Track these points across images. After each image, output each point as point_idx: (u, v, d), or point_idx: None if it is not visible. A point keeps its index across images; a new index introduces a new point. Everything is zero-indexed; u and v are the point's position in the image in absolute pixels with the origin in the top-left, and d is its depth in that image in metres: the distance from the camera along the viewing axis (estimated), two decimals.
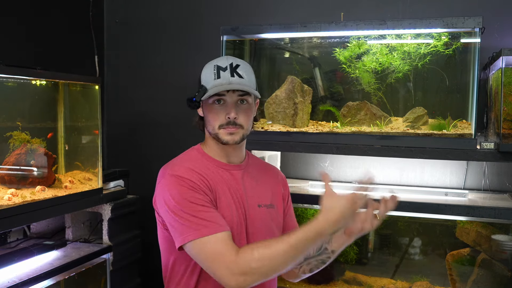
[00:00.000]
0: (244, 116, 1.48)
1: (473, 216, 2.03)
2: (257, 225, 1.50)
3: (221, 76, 1.45)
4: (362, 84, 2.30)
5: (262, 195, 1.56)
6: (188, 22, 2.97)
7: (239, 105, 1.47)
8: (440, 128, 2.11)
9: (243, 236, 1.47)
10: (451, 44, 2.13)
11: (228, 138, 1.47)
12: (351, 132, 2.22)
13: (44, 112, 2.46)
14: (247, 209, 1.49)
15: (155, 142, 3.03)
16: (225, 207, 1.44)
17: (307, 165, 2.71)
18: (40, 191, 2.17)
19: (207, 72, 1.50)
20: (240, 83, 1.45)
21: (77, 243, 2.51)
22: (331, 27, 2.23)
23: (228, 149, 1.53)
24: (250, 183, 1.55)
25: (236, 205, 1.48)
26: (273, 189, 1.62)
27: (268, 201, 1.57)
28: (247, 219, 1.49)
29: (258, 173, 1.61)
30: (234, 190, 1.49)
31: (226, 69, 1.46)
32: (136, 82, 3.10)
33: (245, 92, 1.47)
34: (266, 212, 1.54)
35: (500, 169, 2.40)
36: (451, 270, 2.30)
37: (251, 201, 1.52)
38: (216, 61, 1.50)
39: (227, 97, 1.46)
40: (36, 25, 2.65)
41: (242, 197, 1.50)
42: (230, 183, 1.50)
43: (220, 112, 1.47)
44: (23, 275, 2.01)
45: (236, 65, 1.48)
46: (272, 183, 1.64)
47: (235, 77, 1.45)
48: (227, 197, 1.47)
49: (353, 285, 2.45)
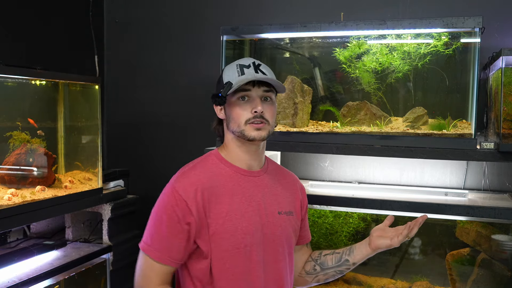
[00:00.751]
0: (270, 112, 1.46)
1: (473, 216, 2.03)
2: (277, 232, 1.48)
3: (246, 72, 1.45)
4: (362, 84, 2.30)
5: (282, 202, 1.54)
6: (188, 22, 2.97)
7: (263, 101, 1.46)
8: (440, 128, 2.11)
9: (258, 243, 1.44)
10: (451, 44, 2.13)
11: (254, 134, 1.43)
12: (351, 132, 2.22)
13: (44, 112, 2.46)
14: (267, 216, 1.47)
15: (155, 142, 3.03)
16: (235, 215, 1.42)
17: (307, 165, 2.71)
18: (40, 191, 2.17)
19: (230, 71, 1.48)
20: (265, 78, 1.44)
21: (77, 243, 2.51)
22: (331, 27, 2.23)
23: (251, 150, 1.49)
24: (270, 190, 1.53)
25: (253, 212, 1.45)
26: (293, 196, 1.60)
27: (288, 208, 1.55)
28: (267, 226, 1.46)
29: (278, 179, 1.58)
30: (251, 197, 1.47)
31: (250, 67, 1.46)
32: (136, 82, 3.10)
33: (269, 89, 1.46)
34: (286, 219, 1.52)
35: (500, 169, 2.40)
36: (451, 270, 2.30)
37: (270, 207, 1.50)
38: (238, 61, 1.50)
39: (252, 92, 1.44)
40: (36, 25, 2.65)
41: (260, 204, 1.47)
42: (247, 190, 1.47)
43: (246, 108, 1.44)
44: (23, 275, 2.01)
45: (258, 64, 1.48)
46: (292, 189, 1.61)
47: (259, 73, 1.45)
48: (241, 204, 1.44)
49: (353, 285, 2.45)
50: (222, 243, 1.40)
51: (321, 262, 1.61)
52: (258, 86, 1.44)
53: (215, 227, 1.40)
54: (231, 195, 1.44)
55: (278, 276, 1.48)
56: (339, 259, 1.55)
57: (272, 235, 1.47)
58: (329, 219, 2.44)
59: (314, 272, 1.62)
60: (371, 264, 2.55)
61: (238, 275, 1.41)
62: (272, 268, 1.47)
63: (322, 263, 1.61)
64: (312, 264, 1.64)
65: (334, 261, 1.56)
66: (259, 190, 1.49)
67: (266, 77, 1.44)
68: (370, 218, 2.46)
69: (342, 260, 1.54)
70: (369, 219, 2.46)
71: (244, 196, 1.46)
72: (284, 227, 1.51)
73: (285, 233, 1.51)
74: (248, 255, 1.42)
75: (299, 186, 1.67)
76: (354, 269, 1.45)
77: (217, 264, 1.41)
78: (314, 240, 2.44)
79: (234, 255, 1.41)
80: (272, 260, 1.47)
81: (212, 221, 1.40)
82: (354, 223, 2.43)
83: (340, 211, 2.40)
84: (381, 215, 2.40)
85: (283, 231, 1.50)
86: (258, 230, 1.44)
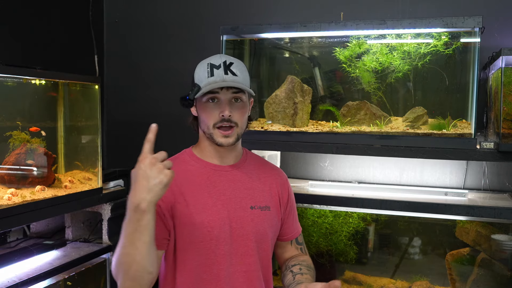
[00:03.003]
0: (239, 114, 1.46)
1: (472, 215, 2.03)
2: (247, 227, 1.48)
3: (215, 74, 1.44)
4: (362, 83, 2.30)
5: (257, 196, 1.53)
6: (188, 21, 2.97)
7: (233, 103, 1.46)
8: (440, 127, 2.11)
9: (225, 237, 1.45)
10: (451, 43, 2.13)
11: (222, 141, 1.46)
12: (351, 131, 2.22)
13: (44, 112, 2.47)
14: (235, 210, 1.47)
15: (155, 141, 3.03)
16: (200, 209, 1.43)
17: (307, 165, 2.71)
18: (40, 191, 2.17)
19: (201, 71, 1.48)
20: (234, 80, 1.44)
21: (77, 242, 2.51)
22: (331, 27, 2.23)
23: (221, 149, 1.51)
24: (243, 184, 1.52)
25: (221, 206, 1.46)
26: (272, 190, 1.59)
27: (263, 202, 1.53)
28: (235, 220, 1.46)
29: (257, 173, 1.58)
30: (220, 191, 1.48)
31: (220, 67, 1.45)
32: (135, 82, 3.10)
33: (239, 90, 1.45)
34: (259, 214, 1.51)
35: (499, 169, 2.40)
36: (450, 270, 2.31)
37: (242, 202, 1.49)
38: (210, 59, 1.49)
39: (221, 95, 1.44)
40: (36, 24, 2.65)
41: (230, 198, 1.48)
42: (217, 184, 1.48)
43: (214, 110, 1.45)
44: (23, 275, 2.01)
45: (229, 63, 1.46)
46: (271, 184, 1.60)
47: (228, 74, 1.44)
48: (207, 199, 1.45)
49: (353, 284, 2.45)
50: (187, 234, 1.43)
51: (283, 275, 1.57)
52: (227, 89, 1.44)
53: (180, 219, 1.43)
54: (198, 189, 1.46)
55: (247, 270, 1.48)
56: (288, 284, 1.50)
57: (241, 229, 1.47)
58: (329, 219, 2.44)
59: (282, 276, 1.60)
60: (371, 263, 2.55)
61: (201, 266, 1.44)
62: (239, 262, 1.47)
63: (284, 276, 1.57)
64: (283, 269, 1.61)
65: (287, 283, 1.52)
66: (230, 185, 1.50)
67: (234, 80, 1.43)
68: (370, 218, 2.46)
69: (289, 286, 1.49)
70: (369, 219, 2.46)
71: (212, 190, 1.47)
72: (257, 222, 1.49)
73: (257, 228, 1.49)
74: (213, 248, 1.43)
75: (280, 181, 1.63)
76: (353, 269, 1.44)
77: (180, 254, 1.44)
78: (314, 240, 2.45)
79: (198, 247, 1.43)
80: (240, 254, 1.47)
81: (178, 213, 1.43)
82: (354, 223, 2.43)
83: (340, 211, 2.40)
84: (381, 215, 2.41)
85: (255, 226, 1.49)
86: (225, 224, 1.45)
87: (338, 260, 2.47)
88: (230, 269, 1.46)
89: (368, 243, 2.54)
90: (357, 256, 2.47)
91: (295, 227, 1.68)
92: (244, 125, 1.51)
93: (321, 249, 2.45)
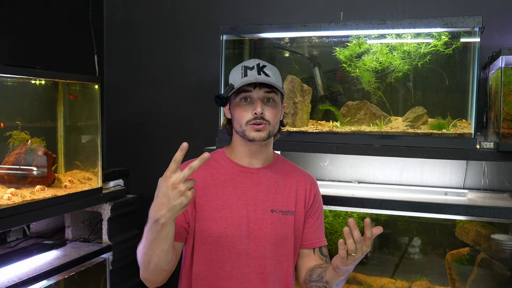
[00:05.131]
0: (271, 113, 1.50)
1: (472, 215, 2.03)
2: (265, 229, 1.49)
3: (248, 74, 1.49)
4: (362, 83, 2.30)
5: (280, 200, 1.54)
6: (187, 21, 2.97)
7: (265, 102, 1.50)
8: (440, 127, 2.11)
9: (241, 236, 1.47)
10: (451, 43, 2.13)
11: (254, 135, 1.48)
12: (350, 131, 2.22)
13: (44, 112, 2.46)
14: (255, 211, 1.49)
15: (155, 141, 3.03)
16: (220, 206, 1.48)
17: (307, 165, 2.71)
18: (39, 191, 2.17)
19: (235, 73, 1.53)
20: (266, 80, 1.47)
21: (77, 242, 2.51)
22: (331, 26, 2.23)
23: (253, 148, 1.53)
24: (267, 187, 1.54)
25: (242, 206, 1.49)
26: (299, 195, 1.58)
27: (286, 207, 1.54)
28: (254, 221, 1.49)
29: (283, 177, 1.59)
30: (243, 191, 1.51)
31: (253, 68, 1.50)
32: (135, 82, 3.10)
33: (271, 90, 1.49)
34: (280, 217, 1.52)
35: (499, 169, 2.40)
36: (450, 270, 2.31)
37: (263, 204, 1.51)
38: (244, 62, 1.54)
39: (253, 93, 1.48)
40: (35, 24, 2.64)
41: (251, 199, 1.50)
42: (241, 185, 1.51)
43: (247, 109, 1.49)
44: (23, 275, 2.01)
45: (263, 65, 1.51)
46: (297, 189, 1.59)
47: (261, 75, 1.48)
48: (229, 197, 1.49)
49: (353, 284, 2.45)
50: (205, 228, 1.48)
51: (311, 273, 1.56)
52: (260, 88, 1.48)
53: (201, 213, 1.48)
54: (222, 187, 1.51)
55: (262, 272, 1.49)
56: (319, 274, 1.50)
57: (259, 231, 1.49)
58: (328, 218, 2.44)
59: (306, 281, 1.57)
60: (371, 263, 2.55)
61: (216, 262, 1.48)
62: (255, 262, 1.49)
63: (312, 274, 1.55)
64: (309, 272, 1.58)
65: (315, 276, 1.51)
66: (253, 186, 1.52)
67: (266, 79, 1.47)
68: (370, 218, 2.45)
69: (320, 276, 1.49)
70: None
71: (235, 190, 1.51)
72: (276, 225, 1.51)
73: (276, 231, 1.51)
74: (229, 245, 1.47)
75: (308, 187, 1.62)
76: (354, 269, 1.44)
77: (198, 247, 1.49)
78: None
79: (215, 242, 1.47)
80: (257, 255, 1.49)
81: (200, 207, 1.48)
82: None
83: (339, 210, 2.40)
84: (381, 214, 2.41)
85: (273, 229, 1.50)
86: (243, 224, 1.48)
87: None
88: (245, 269, 1.48)
89: None
90: None
91: (319, 235, 1.63)
92: (276, 125, 1.54)
93: None
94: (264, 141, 1.51)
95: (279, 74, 1.56)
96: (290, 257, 1.56)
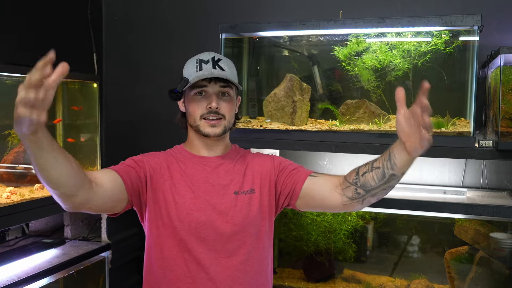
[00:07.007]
0: (226, 107, 1.49)
1: (471, 214, 2.03)
2: (230, 212, 1.48)
3: (203, 68, 1.48)
4: (361, 82, 2.30)
5: (241, 182, 1.54)
6: (186, 19, 2.96)
7: (220, 97, 1.49)
8: (439, 126, 2.11)
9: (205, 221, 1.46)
10: (451, 42, 2.13)
11: (208, 130, 1.48)
12: (349, 130, 2.22)
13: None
14: (218, 196, 1.49)
15: (154, 140, 3.03)
16: (183, 193, 1.47)
17: (306, 163, 2.71)
18: (38, 189, 2.17)
19: (190, 66, 1.52)
20: (222, 74, 1.47)
21: (76, 241, 2.51)
22: (330, 25, 2.23)
23: (209, 142, 1.53)
24: (228, 172, 1.53)
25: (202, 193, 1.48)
26: (263, 174, 1.57)
27: (247, 186, 1.54)
28: (218, 206, 1.48)
29: (243, 161, 1.59)
30: (204, 179, 1.50)
31: (208, 62, 1.49)
32: (135, 80, 3.09)
33: (226, 84, 1.48)
34: (244, 198, 1.52)
35: (498, 167, 2.41)
36: (449, 268, 2.31)
37: (226, 188, 1.51)
38: (198, 55, 1.53)
39: (208, 88, 1.47)
40: (35, 23, 2.64)
41: (214, 186, 1.50)
42: (200, 172, 1.51)
43: (202, 103, 1.48)
44: (22, 273, 2.01)
45: (218, 59, 1.50)
46: (263, 168, 1.58)
47: (217, 69, 1.47)
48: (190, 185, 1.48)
49: (352, 282, 2.45)
50: (166, 212, 1.46)
51: (362, 184, 1.47)
52: (215, 82, 1.47)
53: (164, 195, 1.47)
54: (185, 174, 1.50)
55: (231, 253, 1.48)
56: (382, 175, 1.43)
57: (225, 216, 1.48)
58: (327, 217, 2.44)
59: (359, 196, 1.48)
60: (370, 262, 2.55)
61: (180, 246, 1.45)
62: (223, 246, 1.47)
63: (364, 184, 1.47)
64: (353, 189, 1.49)
65: (378, 179, 1.44)
66: (215, 172, 1.52)
67: (222, 73, 1.47)
68: (369, 216, 2.46)
69: (388, 175, 1.42)
70: (367, 217, 2.46)
71: (197, 177, 1.50)
72: (241, 207, 1.50)
73: (242, 213, 1.50)
74: (193, 230, 1.45)
75: (270, 163, 1.60)
76: (352, 267, 1.44)
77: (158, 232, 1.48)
78: (312, 238, 2.45)
79: (177, 227, 1.45)
80: (224, 239, 1.47)
81: (162, 188, 1.47)
82: (352, 221, 2.43)
83: None
84: (380, 213, 2.41)
85: (239, 210, 1.49)
86: (207, 208, 1.46)
87: (337, 259, 2.47)
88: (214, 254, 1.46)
89: (367, 241, 2.55)
90: (356, 254, 2.48)
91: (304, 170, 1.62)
92: (231, 119, 1.53)
93: (320, 248, 2.45)
94: (218, 136, 1.51)
95: (234, 68, 1.55)
96: (260, 234, 1.55)
